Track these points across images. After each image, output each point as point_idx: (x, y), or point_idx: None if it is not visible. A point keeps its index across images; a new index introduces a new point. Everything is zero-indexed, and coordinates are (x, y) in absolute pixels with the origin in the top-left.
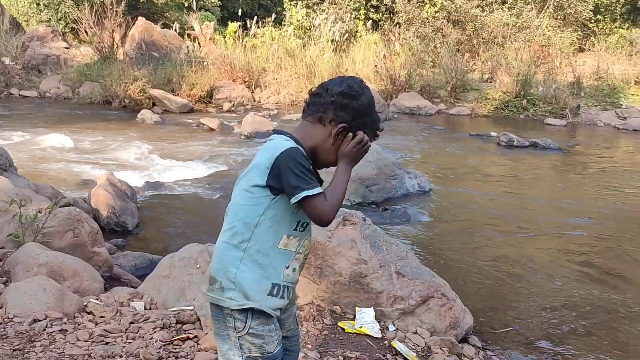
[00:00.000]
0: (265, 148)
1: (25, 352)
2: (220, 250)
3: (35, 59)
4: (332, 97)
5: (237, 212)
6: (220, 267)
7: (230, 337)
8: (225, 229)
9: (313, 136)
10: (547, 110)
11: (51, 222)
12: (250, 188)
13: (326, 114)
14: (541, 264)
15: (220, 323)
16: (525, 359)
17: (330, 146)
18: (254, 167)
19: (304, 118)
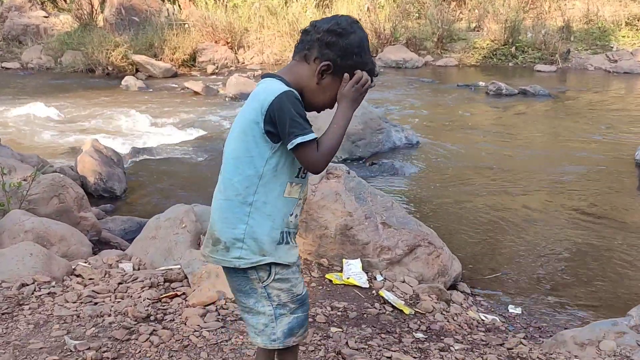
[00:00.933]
0: (257, 93)
1: (14, 316)
2: (224, 208)
3: (14, 30)
4: (318, 34)
5: (237, 166)
6: (225, 227)
7: (255, 289)
8: (225, 185)
9: (299, 76)
10: (536, 56)
11: (35, 189)
12: (247, 138)
13: (311, 51)
14: (531, 211)
15: (240, 279)
16: (514, 304)
17: (315, 86)
18: (246, 115)
19: (292, 58)
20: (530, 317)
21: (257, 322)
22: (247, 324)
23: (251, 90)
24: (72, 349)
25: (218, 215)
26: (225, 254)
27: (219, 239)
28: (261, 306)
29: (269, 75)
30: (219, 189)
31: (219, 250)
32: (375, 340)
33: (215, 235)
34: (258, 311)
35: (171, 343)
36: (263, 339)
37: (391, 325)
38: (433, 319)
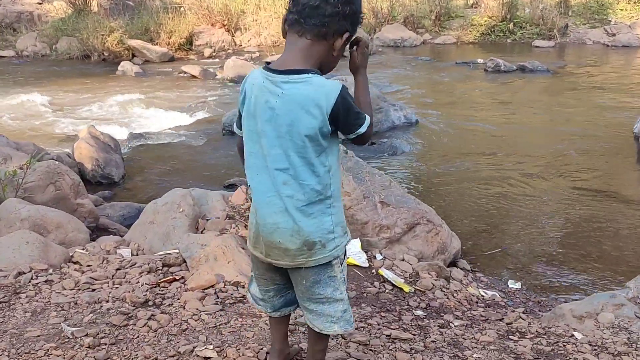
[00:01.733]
0: (305, 96)
1: (11, 304)
2: (309, 212)
3: (8, 17)
4: (336, 8)
5: (312, 171)
6: (316, 227)
7: (335, 276)
8: (304, 192)
9: (319, 55)
10: (534, 32)
11: (31, 177)
12: (313, 144)
13: (330, 27)
14: (530, 187)
15: (320, 270)
16: (514, 278)
17: (332, 58)
18: (305, 122)
19: (300, 34)
20: (530, 292)
21: (335, 310)
22: (319, 316)
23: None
24: (69, 335)
25: (305, 222)
26: (324, 251)
27: (314, 241)
28: (339, 293)
29: (301, 72)
30: (295, 198)
31: (317, 251)
32: (375, 318)
33: (309, 239)
34: (336, 298)
35: (170, 327)
36: (342, 325)
37: (391, 303)
38: (433, 296)
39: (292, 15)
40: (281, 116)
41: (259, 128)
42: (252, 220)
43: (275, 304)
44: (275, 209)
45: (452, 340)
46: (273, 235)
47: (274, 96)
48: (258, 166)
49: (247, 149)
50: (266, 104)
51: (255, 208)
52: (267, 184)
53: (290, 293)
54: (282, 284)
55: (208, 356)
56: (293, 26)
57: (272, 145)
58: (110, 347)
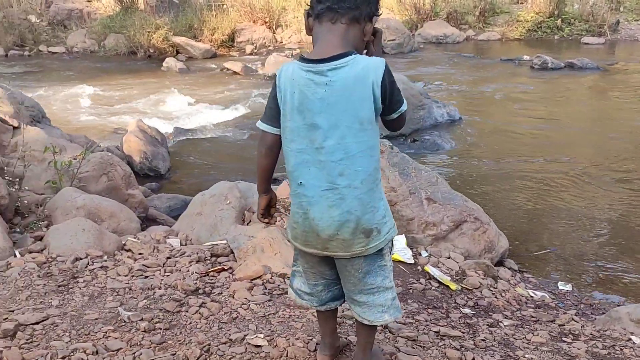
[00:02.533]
0: (354, 77)
1: (70, 288)
2: (366, 199)
3: (59, 15)
4: None
5: (371, 155)
6: (372, 215)
7: (385, 265)
8: (362, 179)
9: (354, 39)
10: (583, 28)
11: (85, 167)
12: (370, 126)
13: (362, 9)
14: (579, 187)
15: (372, 259)
16: (564, 280)
17: (362, 44)
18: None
19: (333, 21)
20: (581, 294)
21: (385, 299)
22: (370, 307)
23: None
24: (125, 319)
25: (362, 210)
26: (379, 237)
27: (371, 229)
28: (388, 281)
29: (342, 55)
30: (353, 187)
31: (374, 237)
32: (422, 315)
33: (367, 227)
34: (385, 287)
35: (220, 315)
36: (392, 313)
37: (437, 300)
38: (480, 295)
39: (322, 5)
40: (333, 105)
41: (309, 122)
42: (297, 219)
43: (323, 297)
44: (331, 202)
45: (503, 339)
46: (331, 228)
47: (321, 86)
48: (309, 161)
49: (294, 147)
50: (314, 95)
51: (306, 205)
52: (320, 178)
53: (337, 288)
54: (331, 279)
55: (259, 344)
56: (324, 15)
57: (325, 137)
58: (165, 332)
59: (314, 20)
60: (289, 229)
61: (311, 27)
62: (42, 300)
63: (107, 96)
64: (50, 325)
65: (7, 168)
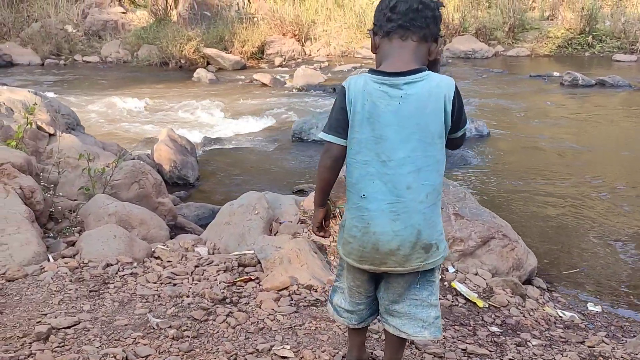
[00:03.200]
0: (429, 92)
1: (101, 293)
2: (429, 214)
3: (95, 25)
4: (435, 11)
5: (438, 169)
6: (433, 230)
7: (434, 282)
8: (427, 192)
9: (424, 56)
10: (615, 45)
11: (117, 175)
12: (440, 141)
13: (431, 29)
14: (610, 206)
15: (423, 274)
16: (593, 301)
17: (427, 62)
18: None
19: (404, 38)
20: (611, 316)
21: (428, 315)
22: (410, 320)
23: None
24: (154, 326)
25: (425, 225)
26: (438, 253)
27: (430, 244)
28: (434, 298)
29: (417, 71)
30: (418, 201)
31: (433, 253)
32: (449, 331)
33: (428, 242)
34: (430, 303)
35: (247, 325)
36: (432, 331)
37: (465, 317)
38: (508, 313)
39: (392, 23)
40: (407, 118)
41: (378, 134)
42: (354, 234)
43: (364, 315)
44: (395, 216)
45: (531, 359)
46: (393, 242)
47: (395, 99)
48: (373, 174)
49: (360, 158)
50: (387, 107)
51: (368, 218)
52: (385, 192)
53: (376, 303)
54: (373, 296)
55: (285, 356)
56: (395, 32)
57: (394, 149)
58: (193, 340)
59: (381, 38)
60: (342, 245)
61: (377, 45)
62: (74, 304)
63: (139, 105)
64: (81, 329)
65: (43, 174)
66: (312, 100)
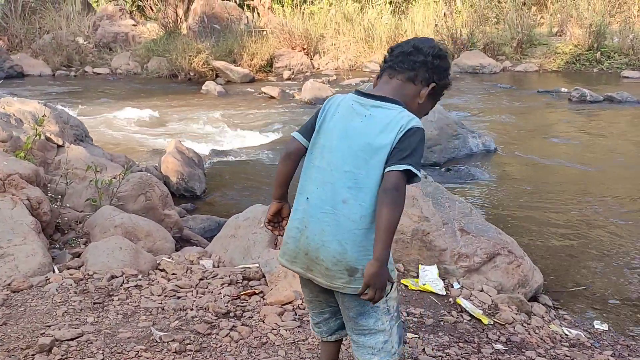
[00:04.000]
0: (390, 119)
1: (105, 305)
2: (360, 238)
3: (105, 37)
4: (426, 57)
5: (374, 194)
6: (361, 255)
7: (377, 308)
8: (362, 215)
9: (407, 97)
10: (623, 62)
11: (124, 186)
12: (380, 165)
13: (418, 72)
14: (617, 223)
15: (364, 301)
16: (600, 319)
17: (416, 106)
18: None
19: (391, 76)
20: (618, 334)
21: (376, 342)
22: (360, 347)
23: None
24: (157, 339)
25: (352, 246)
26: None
27: (356, 268)
28: (380, 324)
29: (392, 101)
30: (350, 219)
31: (357, 279)
32: (453, 348)
33: (350, 265)
34: (377, 329)
35: (250, 339)
36: (382, 356)
37: (469, 334)
38: (513, 331)
39: (386, 64)
40: (361, 135)
41: (334, 144)
42: (294, 234)
43: (332, 326)
44: (326, 226)
45: None
46: (318, 251)
47: (359, 116)
48: (320, 180)
49: (313, 163)
50: (349, 122)
51: (304, 221)
52: (324, 200)
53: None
54: (338, 307)
55: None
56: (385, 71)
57: (343, 162)
58: (195, 354)
59: (379, 78)
60: (282, 246)
61: (376, 84)
62: (78, 316)
63: (147, 117)
64: (85, 342)
65: (50, 185)
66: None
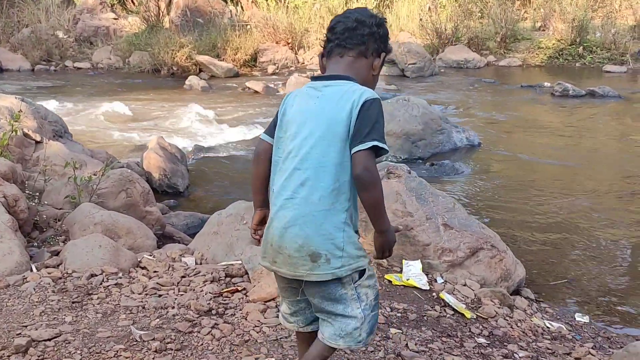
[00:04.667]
0: (345, 92)
1: (84, 304)
2: (320, 220)
3: (86, 31)
4: (371, 28)
5: (336, 172)
6: (323, 239)
7: (346, 294)
8: (321, 195)
9: (361, 72)
10: (605, 56)
11: (105, 183)
12: (341, 143)
13: (367, 45)
14: (599, 217)
15: (331, 287)
16: (581, 312)
17: (371, 78)
18: (334, 115)
19: (341, 55)
20: (599, 327)
21: (345, 326)
22: (326, 327)
23: None
24: (137, 339)
25: (313, 229)
26: (327, 267)
27: (319, 253)
28: (350, 310)
29: (341, 77)
30: (309, 201)
31: (321, 265)
32: (436, 343)
33: (312, 250)
34: (348, 315)
35: (232, 337)
36: (347, 341)
37: (452, 328)
38: (496, 324)
39: (331, 43)
40: (315, 115)
41: (294, 132)
42: (266, 228)
43: (308, 316)
44: (287, 212)
45: None
46: (282, 239)
47: (313, 99)
48: (282, 169)
49: (278, 155)
50: (306, 106)
51: (273, 213)
52: (286, 187)
53: None
54: None
55: None
56: (333, 52)
57: (301, 145)
58: (176, 352)
59: (326, 60)
60: None
61: (324, 67)
62: (56, 316)
63: (129, 112)
64: (62, 342)
65: (28, 182)
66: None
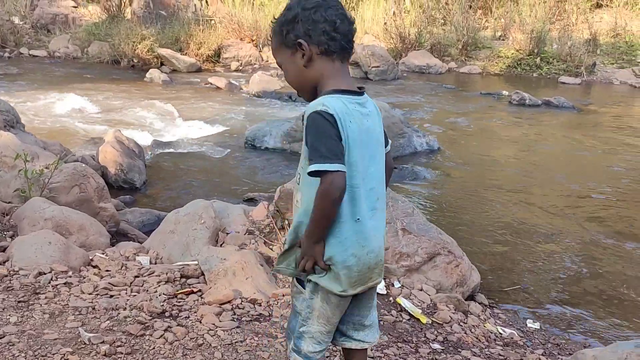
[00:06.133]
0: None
1: (30, 304)
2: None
3: (44, 18)
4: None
5: (384, 182)
6: None
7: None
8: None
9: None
10: (561, 68)
11: (57, 177)
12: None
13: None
14: (552, 225)
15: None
16: (533, 317)
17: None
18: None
19: (343, 61)
20: (549, 333)
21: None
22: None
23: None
24: (86, 341)
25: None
26: None
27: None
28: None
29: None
30: (382, 208)
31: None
32: (392, 349)
33: (382, 261)
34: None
35: (185, 341)
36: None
37: (408, 334)
38: (450, 330)
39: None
40: (372, 133)
41: (363, 152)
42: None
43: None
44: (374, 226)
45: None
46: (381, 252)
47: (365, 117)
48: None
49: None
50: (364, 125)
51: (365, 237)
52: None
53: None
54: None
55: None
56: (339, 54)
57: (369, 164)
58: (126, 356)
59: (319, 55)
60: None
61: (312, 59)
62: (0, 316)
63: (86, 104)
64: (6, 343)
65: None
66: (267, 107)
